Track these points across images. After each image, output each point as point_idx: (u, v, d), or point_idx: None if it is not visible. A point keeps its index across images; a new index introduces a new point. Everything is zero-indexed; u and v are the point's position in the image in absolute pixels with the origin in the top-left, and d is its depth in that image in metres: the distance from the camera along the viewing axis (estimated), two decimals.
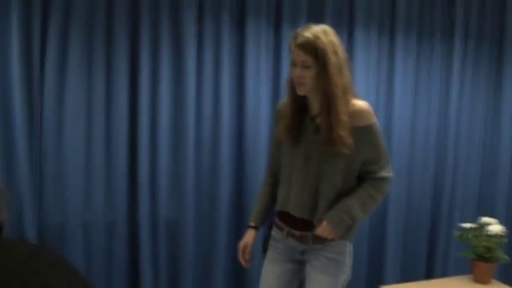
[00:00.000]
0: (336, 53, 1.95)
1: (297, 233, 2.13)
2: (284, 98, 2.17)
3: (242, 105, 3.17)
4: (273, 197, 2.28)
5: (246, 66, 3.12)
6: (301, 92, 2.01)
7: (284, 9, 3.18)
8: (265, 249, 2.28)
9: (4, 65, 2.69)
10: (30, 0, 2.71)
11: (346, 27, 3.34)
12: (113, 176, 2.96)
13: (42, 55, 2.78)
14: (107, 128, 2.94)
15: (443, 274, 3.73)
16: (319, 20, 3.08)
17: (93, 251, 2.95)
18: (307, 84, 1.97)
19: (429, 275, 3.77)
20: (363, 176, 2.09)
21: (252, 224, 2.30)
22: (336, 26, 3.21)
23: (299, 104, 2.08)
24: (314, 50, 1.92)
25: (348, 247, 2.13)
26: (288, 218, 2.15)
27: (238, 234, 3.12)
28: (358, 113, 2.00)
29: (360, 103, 2.02)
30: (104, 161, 2.94)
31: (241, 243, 2.30)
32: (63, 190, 2.86)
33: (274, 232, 2.24)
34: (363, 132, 2.01)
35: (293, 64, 2.00)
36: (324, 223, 2.04)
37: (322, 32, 1.95)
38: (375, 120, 2.04)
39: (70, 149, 2.85)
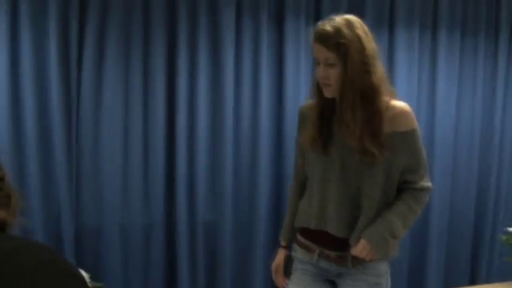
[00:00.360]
0: (361, 49, 1.70)
1: (332, 253, 1.86)
2: (308, 98, 1.95)
3: (281, 105, 3.12)
4: None
5: (285, 65, 3.07)
6: (328, 93, 1.77)
7: (323, 7, 3.14)
8: (286, 272, 2.05)
9: (42, 65, 2.71)
10: (68, 1, 2.72)
11: (387, 26, 3.28)
12: (151, 177, 2.94)
13: (80, 55, 2.78)
14: (144, 129, 2.92)
15: (488, 280, 3.62)
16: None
17: (131, 252, 2.93)
18: (333, 84, 1.73)
19: (473, 281, 3.66)
20: (401, 187, 1.86)
21: (282, 243, 2.08)
22: (377, 24, 3.17)
23: (327, 107, 1.83)
24: (336, 45, 1.68)
25: (388, 265, 1.93)
26: (317, 237, 1.89)
27: (276, 236, 3.03)
28: (398, 117, 1.77)
29: (400, 105, 1.79)
30: (142, 161, 2.92)
31: (273, 266, 2.08)
32: (101, 191, 2.85)
33: (300, 254, 1.96)
34: (403, 138, 1.78)
35: (317, 62, 1.76)
36: (362, 242, 1.78)
37: (345, 24, 1.70)
38: (416, 124, 1.81)
39: (107, 150, 2.84)
